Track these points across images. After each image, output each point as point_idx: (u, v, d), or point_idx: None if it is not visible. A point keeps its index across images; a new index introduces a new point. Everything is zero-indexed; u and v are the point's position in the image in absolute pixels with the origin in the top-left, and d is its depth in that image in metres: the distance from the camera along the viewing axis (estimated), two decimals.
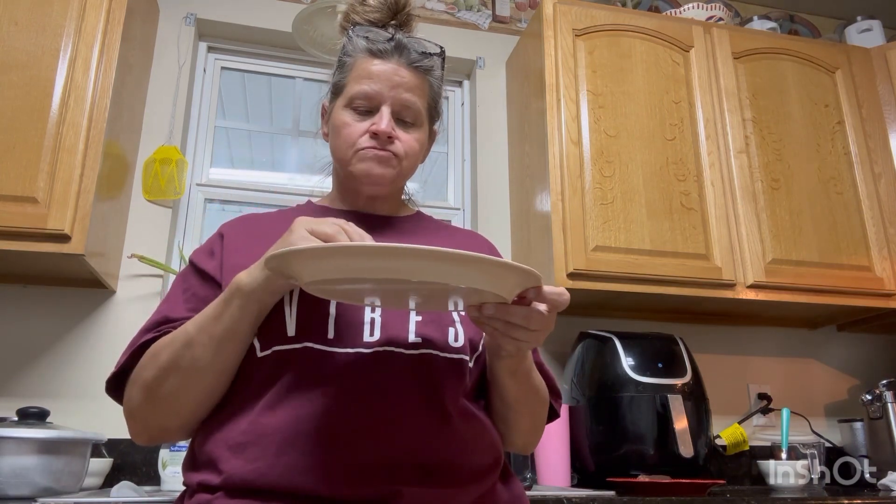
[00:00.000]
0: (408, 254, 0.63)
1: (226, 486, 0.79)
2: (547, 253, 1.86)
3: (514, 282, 0.70)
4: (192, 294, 0.92)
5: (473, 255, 0.64)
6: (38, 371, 1.75)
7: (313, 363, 0.82)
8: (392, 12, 1.02)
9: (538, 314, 0.73)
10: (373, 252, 0.65)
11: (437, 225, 1.10)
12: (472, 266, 0.65)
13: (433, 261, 0.64)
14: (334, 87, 1.02)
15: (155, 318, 0.90)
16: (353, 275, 0.67)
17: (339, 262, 0.66)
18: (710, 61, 2.12)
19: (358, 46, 0.98)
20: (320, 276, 0.69)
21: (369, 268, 0.66)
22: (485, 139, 2.30)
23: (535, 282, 0.70)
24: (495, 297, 0.70)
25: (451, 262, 0.64)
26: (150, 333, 0.88)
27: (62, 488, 1.29)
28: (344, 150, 0.96)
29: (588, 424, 1.80)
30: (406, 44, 0.97)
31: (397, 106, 0.96)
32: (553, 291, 0.73)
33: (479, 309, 0.73)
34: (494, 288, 0.68)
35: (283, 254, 0.68)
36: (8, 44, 1.61)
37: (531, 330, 0.74)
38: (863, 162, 2.15)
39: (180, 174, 1.94)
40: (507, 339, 0.76)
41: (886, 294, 2.02)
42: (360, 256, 0.65)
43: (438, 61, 1.02)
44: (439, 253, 0.63)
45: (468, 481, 0.84)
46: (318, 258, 0.68)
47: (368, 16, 1.02)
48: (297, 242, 0.76)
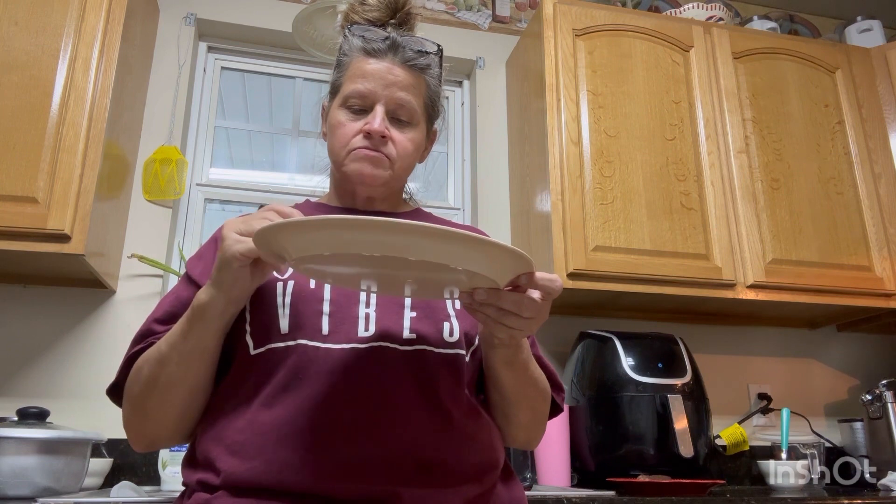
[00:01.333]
0: (401, 229, 0.62)
1: (224, 486, 0.79)
2: (547, 253, 1.86)
3: (508, 265, 0.69)
4: (175, 297, 0.92)
5: (469, 234, 0.63)
6: (38, 371, 1.75)
7: (308, 359, 0.82)
8: (391, 11, 1.02)
9: (530, 301, 0.73)
10: (366, 225, 0.62)
11: (437, 221, 1.10)
12: (466, 245, 0.64)
13: (428, 237, 0.63)
14: (332, 87, 1.02)
15: (143, 328, 0.91)
16: (344, 249, 0.65)
17: (330, 234, 0.64)
18: (710, 61, 2.12)
19: (354, 46, 0.98)
20: (312, 251, 0.67)
21: (362, 241, 0.64)
22: (485, 139, 2.30)
23: (527, 267, 0.70)
24: (488, 281, 0.70)
25: (446, 239, 0.63)
26: (139, 345, 0.89)
27: (62, 488, 1.28)
28: (338, 149, 0.97)
29: (588, 424, 1.80)
30: (401, 42, 0.97)
31: (392, 105, 0.96)
32: (545, 278, 0.73)
33: (472, 295, 0.72)
34: (488, 271, 0.67)
35: (273, 227, 0.66)
36: (8, 44, 1.61)
37: (523, 317, 0.74)
38: (863, 162, 2.15)
39: (180, 174, 1.94)
40: (499, 327, 0.76)
41: (886, 294, 2.02)
42: (353, 229, 0.63)
43: (436, 59, 1.01)
44: (434, 230, 0.62)
45: (467, 479, 0.83)
46: (309, 230, 0.65)
47: (367, 15, 1.01)
48: (228, 249, 0.76)
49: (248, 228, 0.76)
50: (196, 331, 0.81)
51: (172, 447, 1.48)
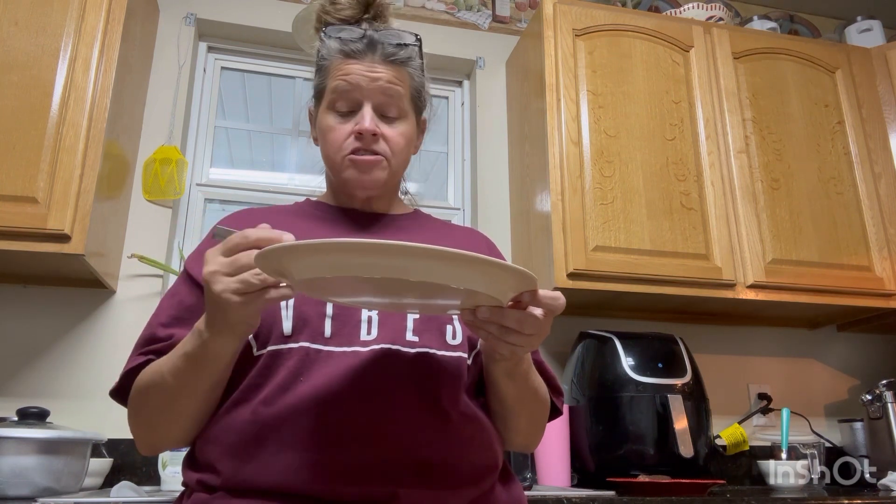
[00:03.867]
0: (401, 251, 0.61)
1: (224, 487, 0.79)
2: (547, 253, 1.86)
3: (511, 283, 0.68)
4: (177, 301, 0.91)
5: (470, 254, 0.62)
6: (38, 371, 1.75)
7: (310, 362, 0.82)
8: (363, 6, 1.01)
9: (533, 318, 0.72)
10: (366, 248, 0.61)
11: (435, 223, 1.09)
12: (468, 266, 0.63)
13: (428, 259, 0.62)
14: (316, 92, 1.02)
15: (146, 333, 0.90)
16: (344, 272, 0.65)
17: (333, 258, 0.64)
18: (710, 61, 2.12)
19: (332, 48, 0.98)
20: (314, 274, 0.66)
21: (362, 264, 0.63)
22: (485, 139, 2.30)
23: (530, 285, 0.69)
24: (491, 299, 0.69)
25: (447, 260, 0.62)
26: (141, 357, 0.88)
27: (62, 488, 1.29)
28: (332, 154, 0.96)
29: (588, 424, 1.80)
30: (379, 38, 0.96)
31: (378, 101, 0.95)
32: (548, 296, 0.72)
33: (474, 312, 0.71)
34: (490, 289, 0.66)
35: (275, 250, 0.65)
36: (8, 44, 1.61)
37: (525, 334, 0.73)
38: (863, 162, 2.15)
39: (180, 174, 1.94)
40: (501, 344, 0.75)
41: (886, 294, 2.02)
42: (355, 253, 0.62)
43: (416, 50, 1.00)
44: (434, 251, 0.61)
45: (466, 482, 0.83)
46: (312, 254, 0.64)
47: (340, 14, 1.01)
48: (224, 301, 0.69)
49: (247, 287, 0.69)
50: (207, 371, 0.79)
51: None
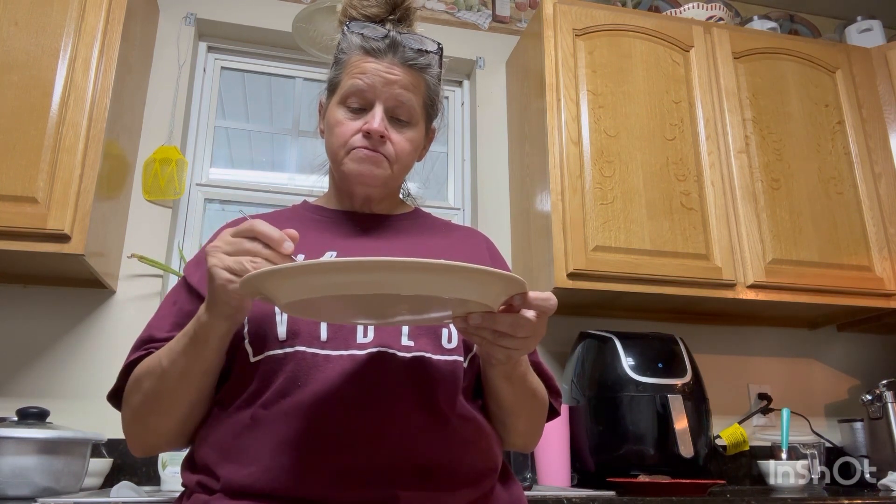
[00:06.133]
0: (386, 266, 0.60)
1: (223, 489, 0.79)
2: (547, 253, 1.86)
3: (499, 289, 0.68)
4: (178, 308, 0.91)
5: (456, 264, 0.61)
6: (38, 371, 1.74)
7: (306, 366, 0.82)
8: (391, 6, 1.01)
9: (526, 321, 0.71)
10: (349, 267, 0.60)
11: (434, 223, 1.08)
12: (454, 274, 0.62)
13: (413, 272, 0.61)
14: (330, 84, 1.01)
15: (143, 335, 0.90)
16: (332, 291, 0.63)
17: (317, 279, 0.63)
18: (710, 61, 2.12)
19: (353, 43, 0.97)
20: (299, 296, 0.65)
21: (347, 282, 0.62)
22: (485, 139, 2.30)
23: (519, 288, 0.68)
24: (481, 306, 0.68)
25: (432, 272, 0.61)
26: (139, 352, 0.88)
27: (62, 488, 1.28)
28: (336, 148, 0.96)
29: (588, 424, 1.79)
30: (401, 41, 0.96)
31: (391, 104, 0.95)
32: (539, 297, 0.71)
33: (466, 319, 0.71)
34: (480, 296, 0.66)
35: (257, 276, 0.64)
36: (8, 44, 1.61)
37: (519, 337, 0.73)
38: (863, 162, 2.15)
39: (180, 174, 1.94)
40: (496, 348, 0.75)
41: (886, 294, 2.02)
42: (338, 272, 0.61)
43: (436, 58, 1.00)
44: (419, 264, 0.60)
45: (466, 484, 0.83)
46: (292, 277, 0.63)
47: (366, 10, 1.00)
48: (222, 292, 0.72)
49: (241, 268, 0.71)
50: (198, 351, 0.80)
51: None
